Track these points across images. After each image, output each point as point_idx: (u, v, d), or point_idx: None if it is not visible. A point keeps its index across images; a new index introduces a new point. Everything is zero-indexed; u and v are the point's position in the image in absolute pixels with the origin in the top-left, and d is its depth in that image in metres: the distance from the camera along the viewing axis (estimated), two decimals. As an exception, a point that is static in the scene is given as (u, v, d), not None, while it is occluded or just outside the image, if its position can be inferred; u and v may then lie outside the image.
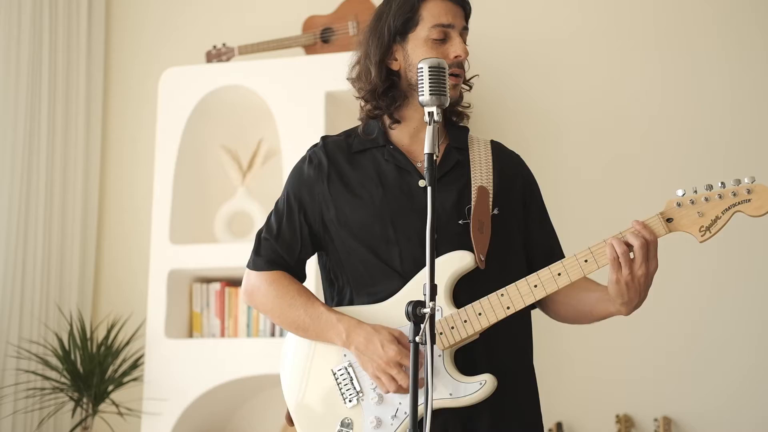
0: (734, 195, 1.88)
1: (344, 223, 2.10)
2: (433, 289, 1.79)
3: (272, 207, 4.33)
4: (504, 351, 2.04)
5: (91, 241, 4.56)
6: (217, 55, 4.41)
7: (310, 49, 4.37)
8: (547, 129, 4.24)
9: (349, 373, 2.05)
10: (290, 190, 2.18)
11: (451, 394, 1.96)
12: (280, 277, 2.16)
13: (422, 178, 2.07)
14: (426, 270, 1.79)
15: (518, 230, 2.13)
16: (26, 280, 4.23)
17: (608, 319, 2.10)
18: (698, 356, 3.97)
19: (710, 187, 1.90)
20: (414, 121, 2.13)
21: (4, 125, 4.21)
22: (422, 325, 1.76)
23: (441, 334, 1.97)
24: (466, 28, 2.14)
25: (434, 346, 1.77)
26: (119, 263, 4.60)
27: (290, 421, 2.12)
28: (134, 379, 4.07)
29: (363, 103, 2.20)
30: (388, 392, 1.99)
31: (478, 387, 1.95)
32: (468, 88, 2.19)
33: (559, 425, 3.96)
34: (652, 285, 2.50)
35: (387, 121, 2.16)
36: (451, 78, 2.04)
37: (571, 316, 2.15)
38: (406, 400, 1.98)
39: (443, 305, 1.99)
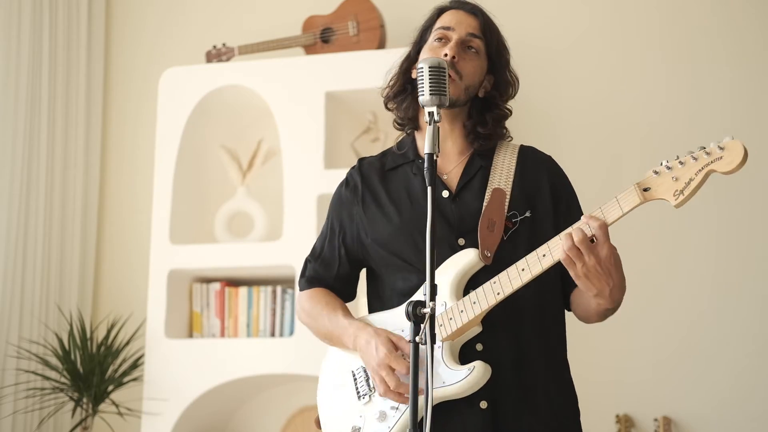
0: (708, 155, 1.86)
1: (376, 238, 2.18)
2: (433, 288, 1.81)
3: (272, 206, 4.36)
4: (530, 347, 2.07)
5: (91, 241, 4.56)
6: (217, 55, 4.41)
7: (310, 49, 4.37)
8: (548, 133, 4.23)
9: (366, 372, 2.12)
10: (331, 214, 2.29)
11: (444, 383, 2.00)
12: (316, 292, 2.26)
13: (446, 188, 2.14)
14: (427, 269, 1.82)
15: (552, 233, 2.12)
16: (26, 280, 4.23)
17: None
18: (698, 356, 3.97)
19: (691, 152, 1.88)
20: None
21: (4, 125, 4.20)
22: (422, 325, 1.79)
23: (441, 326, 2.02)
24: (474, 35, 2.18)
25: (434, 340, 1.80)
26: (119, 263, 4.60)
27: (318, 424, 2.21)
28: (134, 379, 4.07)
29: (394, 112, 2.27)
30: (381, 395, 2.04)
31: (466, 373, 1.98)
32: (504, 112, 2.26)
33: (559, 425, 3.96)
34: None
35: (416, 134, 2.24)
36: None
37: (582, 315, 2.18)
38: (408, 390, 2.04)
39: (448, 301, 2.03)
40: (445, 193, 2.13)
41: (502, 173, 2.15)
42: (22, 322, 4.18)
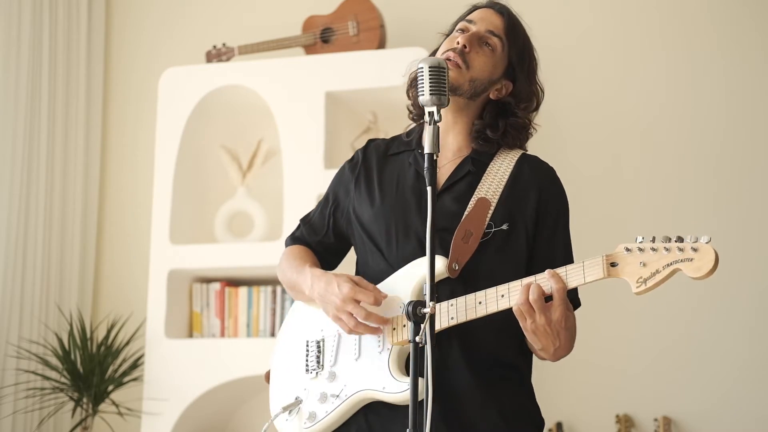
0: (680, 251, 1.77)
1: (358, 217, 2.17)
2: (433, 288, 1.80)
3: (272, 206, 4.36)
4: (482, 348, 2.02)
5: (91, 241, 4.56)
6: (217, 55, 4.41)
7: (310, 49, 4.36)
8: (548, 132, 4.21)
9: (318, 346, 2.11)
10: (331, 185, 2.30)
11: (383, 388, 1.98)
12: (294, 248, 2.28)
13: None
14: (426, 270, 1.81)
15: (526, 248, 2.07)
16: (26, 280, 4.23)
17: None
18: (698, 356, 3.97)
19: (667, 239, 1.78)
20: (441, 124, 2.02)
21: (4, 125, 4.21)
22: (422, 325, 1.79)
23: (394, 329, 1.99)
24: (493, 33, 2.15)
25: (434, 340, 1.78)
26: (119, 263, 4.60)
27: (268, 378, 2.23)
28: (134, 379, 4.07)
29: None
30: (350, 332, 2.01)
31: (404, 387, 1.94)
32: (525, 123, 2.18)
33: (559, 425, 3.96)
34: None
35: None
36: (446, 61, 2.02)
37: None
38: (351, 382, 2.03)
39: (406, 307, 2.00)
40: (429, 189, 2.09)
41: (493, 182, 2.09)
42: (22, 322, 4.18)
